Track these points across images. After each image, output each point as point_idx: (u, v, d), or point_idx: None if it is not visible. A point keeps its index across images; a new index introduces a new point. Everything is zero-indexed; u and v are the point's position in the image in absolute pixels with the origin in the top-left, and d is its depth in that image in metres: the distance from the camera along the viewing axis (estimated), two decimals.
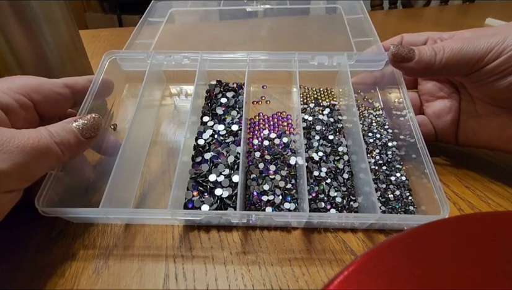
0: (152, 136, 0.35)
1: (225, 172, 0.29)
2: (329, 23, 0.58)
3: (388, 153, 0.33)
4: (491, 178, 0.32)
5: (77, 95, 0.30)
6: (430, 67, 0.29)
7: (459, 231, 0.18)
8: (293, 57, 0.35)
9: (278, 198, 0.28)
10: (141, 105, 0.31)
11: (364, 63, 0.35)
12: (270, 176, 0.30)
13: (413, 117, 0.31)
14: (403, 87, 0.33)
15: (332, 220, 0.26)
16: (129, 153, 0.29)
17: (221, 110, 0.34)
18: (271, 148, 0.32)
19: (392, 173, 0.31)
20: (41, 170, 0.23)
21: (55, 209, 0.24)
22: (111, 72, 0.33)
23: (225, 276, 0.24)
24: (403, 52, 0.29)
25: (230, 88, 0.37)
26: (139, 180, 0.31)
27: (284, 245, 0.26)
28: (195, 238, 0.26)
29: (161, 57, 0.35)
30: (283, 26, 0.61)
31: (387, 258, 0.16)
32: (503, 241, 0.17)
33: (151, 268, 0.24)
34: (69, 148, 0.24)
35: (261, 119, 0.37)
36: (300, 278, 0.23)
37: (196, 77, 0.33)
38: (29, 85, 0.27)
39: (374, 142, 0.34)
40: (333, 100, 0.38)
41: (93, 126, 0.25)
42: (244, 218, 0.25)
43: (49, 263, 0.25)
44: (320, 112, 0.37)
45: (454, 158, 0.34)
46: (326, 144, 0.33)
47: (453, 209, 0.29)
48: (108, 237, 0.26)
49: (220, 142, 0.32)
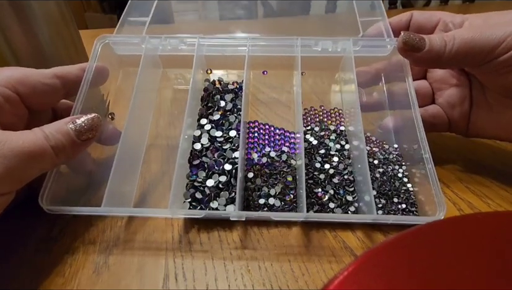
0: (150, 125, 0.34)
1: (222, 178, 0.29)
2: (330, 20, 0.58)
3: (389, 154, 0.32)
4: (491, 178, 0.32)
5: (69, 85, 0.28)
6: (439, 58, 0.27)
7: (459, 231, 0.18)
8: (295, 42, 0.33)
9: (277, 201, 0.28)
10: (138, 94, 0.30)
11: (369, 48, 0.33)
12: (268, 188, 0.29)
13: (419, 117, 0.29)
14: (410, 82, 0.31)
15: (329, 219, 0.26)
16: (129, 146, 0.29)
17: (218, 115, 0.32)
18: (270, 164, 0.31)
19: (394, 173, 0.31)
20: (34, 173, 0.23)
21: (59, 207, 0.24)
22: (104, 57, 0.32)
23: (225, 276, 0.23)
24: (413, 41, 0.28)
25: (229, 90, 0.35)
26: (139, 171, 0.31)
27: (284, 245, 0.26)
28: (195, 238, 0.26)
29: (156, 41, 0.33)
30: (284, 25, 0.60)
31: (387, 258, 0.16)
32: (503, 241, 0.17)
33: (151, 268, 0.24)
34: (64, 151, 0.23)
35: (262, 129, 0.34)
36: (300, 278, 0.23)
37: (194, 65, 0.31)
38: (14, 77, 0.25)
39: (376, 141, 0.34)
40: (341, 122, 0.35)
41: (91, 128, 0.24)
42: (243, 217, 0.25)
43: (49, 262, 0.24)
44: (326, 136, 0.34)
45: (454, 158, 0.34)
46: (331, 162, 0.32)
47: (453, 209, 0.29)
48: (108, 237, 0.26)
49: (217, 148, 0.31)
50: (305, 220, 0.27)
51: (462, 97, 0.32)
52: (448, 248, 0.17)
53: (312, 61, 0.36)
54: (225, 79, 0.36)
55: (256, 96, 0.40)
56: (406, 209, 0.28)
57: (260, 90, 0.41)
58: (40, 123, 0.29)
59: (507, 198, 0.29)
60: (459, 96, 0.32)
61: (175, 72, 0.40)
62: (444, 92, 0.33)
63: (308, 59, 0.34)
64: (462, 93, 0.32)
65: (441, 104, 0.33)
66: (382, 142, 0.34)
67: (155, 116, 0.36)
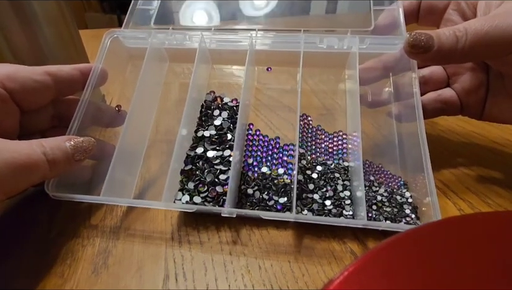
0: (154, 118, 0.35)
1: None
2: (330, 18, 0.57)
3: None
4: (491, 178, 0.32)
5: (61, 84, 0.28)
6: (451, 56, 0.25)
7: (459, 231, 0.17)
8: (299, 39, 0.32)
9: (271, 201, 0.28)
10: (142, 87, 0.31)
11: (377, 45, 0.32)
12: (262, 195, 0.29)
13: (421, 122, 0.28)
14: (417, 85, 0.29)
15: (319, 222, 0.25)
16: (131, 138, 0.29)
17: (214, 131, 0.31)
18: (266, 178, 0.31)
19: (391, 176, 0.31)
20: (23, 186, 0.23)
21: (64, 194, 0.26)
22: (113, 52, 0.32)
23: (225, 276, 0.23)
24: (421, 42, 0.25)
25: (227, 107, 0.33)
26: (141, 163, 0.31)
27: (284, 245, 0.26)
28: (195, 238, 0.26)
29: (162, 36, 0.34)
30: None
31: (387, 258, 0.16)
32: (503, 241, 0.17)
33: (151, 269, 0.24)
34: (58, 167, 0.23)
35: (260, 146, 0.33)
36: (300, 278, 0.23)
37: (196, 60, 0.32)
38: (2, 72, 0.25)
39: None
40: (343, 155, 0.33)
41: (86, 150, 0.25)
42: (234, 214, 0.25)
43: (49, 263, 0.24)
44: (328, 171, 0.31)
45: (454, 158, 0.34)
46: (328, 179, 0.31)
47: (453, 209, 0.29)
48: (107, 237, 0.26)
49: (210, 166, 0.29)
50: (304, 222, 0.27)
51: (478, 84, 0.30)
52: (448, 248, 0.17)
53: (317, 57, 0.34)
54: (228, 79, 0.36)
55: (257, 97, 0.40)
56: (404, 214, 0.28)
57: (261, 91, 0.41)
58: (38, 121, 0.29)
59: (507, 198, 0.29)
60: (475, 83, 0.30)
61: (181, 66, 0.40)
62: (459, 77, 0.31)
63: (314, 55, 0.33)
64: (478, 80, 0.30)
65: (456, 88, 0.31)
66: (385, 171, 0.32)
67: (159, 109, 0.36)
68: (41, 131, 0.29)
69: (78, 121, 0.28)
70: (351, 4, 0.44)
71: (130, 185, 0.30)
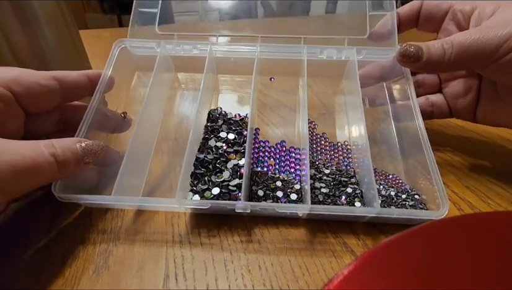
0: (161, 123, 0.36)
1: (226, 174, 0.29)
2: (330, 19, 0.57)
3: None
4: (491, 178, 0.32)
5: (67, 89, 0.27)
6: (439, 66, 0.28)
7: (459, 231, 0.18)
8: (302, 50, 0.34)
9: (280, 193, 0.29)
10: (151, 95, 0.32)
11: (373, 56, 0.34)
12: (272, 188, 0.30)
13: (421, 124, 0.29)
14: (412, 89, 0.31)
15: (333, 213, 0.25)
16: (139, 144, 0.30)
17: (224, 135, 0.32)
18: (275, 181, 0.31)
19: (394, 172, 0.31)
20: (27, 188, 0.22)
21: (70, 195, 0.25)
22: (121, 60, 0.33)
23: (225, 276, 0.24)
24: (411, 53, 0.28)
25: (232, 129, 0.33)
26: (148, 167, 0.32)
27: (284, 245, 0.26)
28: (195, 238, 0.26)
29: (170, 47, 0.36)
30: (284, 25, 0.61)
31: (387, 258, 0.16)
32: (503, 241, 0.17)
33: (152, 268, 0.24)
34: (68, 168, 0.23)
35: (267, 152, 0.34)
36: (300, 278, 0.23)
37: (205, 69, 0.33)
38: (8, 75, 0.25)
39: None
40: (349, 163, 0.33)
41: (95, 153, 0.25)
42: (248, 208, 0.25)
43: (49, 263, 0.24)
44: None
45: (454, 158, 0.34)
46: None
47: (453, 209, 0.29)
48: (108, 238, 0.26)
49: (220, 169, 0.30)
50: (307, 218, 0.27)
51: (467, 89, 0.32)
52: (448, 248, 0.17)
53: (318, 67, 0.36)
54: (233, 85, 0.38)
55: (262, 101, 0.41)
56: (413, 205, 0.28)
57: (266, 95, 0.41)
58: (43, 124, 0.29)
59: (507, 198, 0.29)
60: (463, 88, 0.32)
61: (186, 75, 0.42)
62: (449, 83, 0.34)
63: (315, 64, 0.35)
64: (467, 85, 0.32)
65: (445, 94, 0.34)
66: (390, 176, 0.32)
67: (166, 116, 0.37)
68: (45, 135, 0.29)
69: (86, 126, 0.28)
70: (350, 4, 0.45)
71: (138, 187, 0.30)
